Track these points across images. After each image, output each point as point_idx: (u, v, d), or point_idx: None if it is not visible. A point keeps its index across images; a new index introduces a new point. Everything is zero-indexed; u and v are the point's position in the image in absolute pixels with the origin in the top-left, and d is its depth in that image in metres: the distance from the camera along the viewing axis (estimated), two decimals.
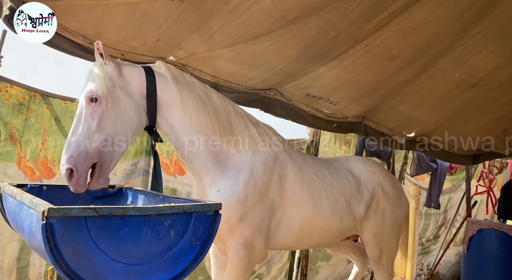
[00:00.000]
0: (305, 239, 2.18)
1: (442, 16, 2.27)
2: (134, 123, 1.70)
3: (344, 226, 2.26)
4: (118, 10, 1.92)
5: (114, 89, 1.64)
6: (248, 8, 2.01)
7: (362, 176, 2.43)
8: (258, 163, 1.97)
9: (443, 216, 5.29)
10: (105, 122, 1.59)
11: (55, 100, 2.23)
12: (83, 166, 1.51)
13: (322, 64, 2.64)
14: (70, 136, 1.56)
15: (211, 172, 1.91)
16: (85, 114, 1.58)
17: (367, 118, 3.42)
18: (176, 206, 1.12)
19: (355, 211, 2.29)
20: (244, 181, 1.90)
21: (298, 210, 2.07)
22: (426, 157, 4.39)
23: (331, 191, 2.19)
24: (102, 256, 0.96)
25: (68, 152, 1.51)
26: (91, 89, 1.59)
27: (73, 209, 0.92)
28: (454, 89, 2.99)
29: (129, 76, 1.72)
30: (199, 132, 1.87)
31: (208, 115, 1.89)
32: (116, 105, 1.63)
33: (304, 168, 2.16)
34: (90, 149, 1.53)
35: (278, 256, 3.55)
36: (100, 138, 1.57)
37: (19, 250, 2.24)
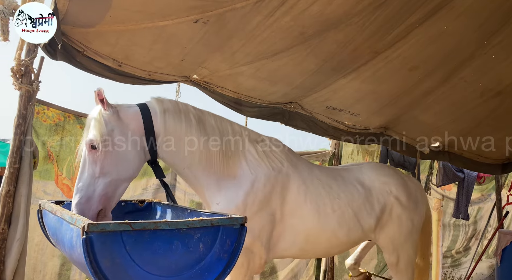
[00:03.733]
0: (311, 249, 2.20)
1: (462, 27, 2.27)
2: (135, 163, 1.76)
3: (352, 237, 2.26)
4: (145, 34, 2.03)
5: (114, 134, 1.70)
6: (268, 27, 2.08)
7: (373, 186, 2.40)
8: (259, 178, 2.00)
9: (473, 227, 5.11)
10: (107, 166, 1.64)
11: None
12: (90, 213, 1.58)
13: (342, 77, 2.68)
14: (77, 182, 1.63)
15: (210, 189, 1.96)
16: (88, 161, 1.65)
17: (389, 129, 3.40)
18: (204, 220, 1.18)
19: (364, 222, 2.28)
20: (244, 193, 1.95)
21: (301, 222, 2.09)
22: (452, 167, 4.29)
23: (337, 203, 2.19)
24: (137, 269, 1.02)
25: (75, 199, 1.58)
26: (91, 138, 1.65)
27: (110, 224, 0.99)
28: (478, 98, 2.95)
29: (127, 118, 1.77)
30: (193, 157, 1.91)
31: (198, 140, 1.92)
32: (116, 150, 1.69)
33: (309, 180, 2.18)
34: (95, 194, 1.60)
35: (304, 270, 3.53)
36: (105, 182, 1.63)
37: (60, 266, 2.34)
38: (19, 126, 1.81)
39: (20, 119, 1.82)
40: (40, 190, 2.25)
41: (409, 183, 2.61)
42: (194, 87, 2.56)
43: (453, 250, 4.90)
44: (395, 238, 2.41)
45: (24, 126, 1.82)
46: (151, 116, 1.80)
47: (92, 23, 1.86)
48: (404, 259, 2.45)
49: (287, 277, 3.44)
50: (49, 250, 2.24)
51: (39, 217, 1.55)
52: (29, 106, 1.83)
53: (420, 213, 2.58)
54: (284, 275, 3.43)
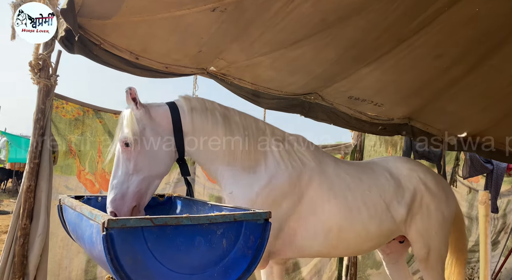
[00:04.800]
0: (339, 245, 2.13)
1: (493, 9, 2.13)
2: (166, 160, 1.81)
3: (385, 230, 2.19)
4: (162, 24, 1.99)
5: (145, 132, 1.75)
6: (288, 14, 2.00)
7: (401, 174, 2.36)
8: (278, 175, 1.99)
9: (502, 221, 4.92)
10: (140, 164, 1.71)
11: (106, 114, 2.34)
12: (124, 210, 1.63)
13: (364, 66, 2.57)
14: (112, 179, 1.69)
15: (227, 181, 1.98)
16: (122, 158, 1.70)
17: (413, 119, 3.27)
18: (227, 215, 1.13)
19: (396, 213, 2.21)
20: (260, 187, 1.94)
21: (326, 218, 2.04)
22: (480, 158, 4.12)
23: (369, 196, 2.14)
24: (159, 266, 0.98)
25: (111, 195, 1.64)
26: (125, 136, 1.70)
27: (131, 220, 0.95)
28: (508, 86, 2.79)
29: (157, 117, 1.82)
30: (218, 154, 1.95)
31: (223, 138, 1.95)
32: (149, 147, 1.75)
33: (336, 176, 2.14)
34: (129, 191, 1.66)
35: (327, 265, 3.46)
36: (138, 179, 1.69)
37: (86, 262, 2.34)
38: (38, 121, 1.80)
39: (39, 114, 1.81)
40: (62, 185, 2.25)
41: (435, 173, 2.55)
42: (211, 79, 2.51)
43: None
44: (425, 230, 2.32)
45: (43, 120, 1.81)
46: (179, 115, 1.85)
47: (108, 15, 1.83)
48: (435, 253, 2.35)
49: (311, 273, 3.39)
50: (75, 246, 2.25)
51: (59, 212, 1.54)
52: (47, 101, 1.82)
53: (450, 205, 2.48)
54: (307, 271, 3.37)
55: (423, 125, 3.30)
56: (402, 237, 2.49)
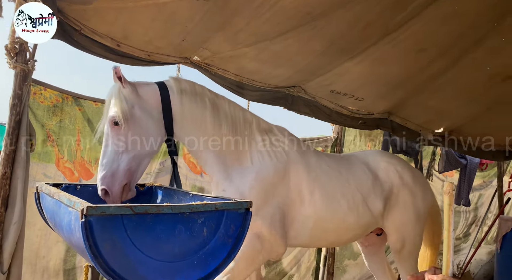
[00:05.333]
0: (321, 236, 2.19)
1: (474, 6, 2.18)
2: (156, 139, 1.82)
3: (363, 222, 2.24)
4: (145, 12, 1.95)
5: (134, 110, 1.76)
6: (273, 5, 1.99)
7: (379, 168, 2.41)
8: (264, 168, 2.01)
9: (474, 214, 5.11)
10: (130, 142, 1.72)
11: (86, 101, 2.29)
12: (116, 187, 1.65)
13: (348, 59, 2.60)
14: (102, 158, 1.70)
15: (218, 175, 2.00)
16: (112, 137, 1.71)
17: (393, 114, 3.34)
18: (208, 204, 1.13)
19: (373, 206, 2.27)
20: (250, 183, 1.95)
21: (311, 209, 2.08)
22: (455, 153, 4.25)
23: (347, 188, 2.19)
24: (138, 253, 0.98)
25: (101, 173, 1.65)
26: (113, 114, 1.71)
27: (111, 208, 0.95)
28: (487, 82, 2.87)
29: (146, 95, 1.82)
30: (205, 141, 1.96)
31: (212, 124, 1.97)
32: (138, 125, 1.76)
33: (318, 167, 2.18)
34: (120, 169, 1.67)
35: (306, 255, 3.53)
36: (128, 158, 1.70)
37: (65, 252, 2.30)
38: (14, 107, 1.75)
39: (15, 99, 1.75)
40: (40, 173, 2.20)
41: (412, 168, 2.61)
42: (194, 69, 2.49)
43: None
44: (401, 223, 2.39)
45: (19, 106, 1.75)
46: (169, 95, 1.84)
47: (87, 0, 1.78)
48: (410, 245, 2.43)
49: (291, 264, 3.44)
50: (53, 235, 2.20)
51: (36, 200, 1.51)
52: (24, 86, 1.76)
53: (426, 199, 2.55)
54: (287, 262, 3.42)
55: (402, 120, 3.37)
56: (380, 230, 2.56)
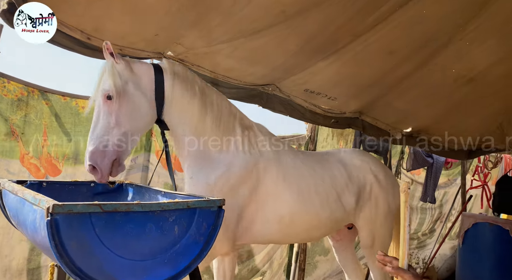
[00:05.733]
0: (293, 233, 2.22)
1: (440, 11, 2.27)
2: (148, 117, 1.82)
3: (335, 218, 2.29)
4: (117, 5, 1.90)
5: (128, 86, 1.75)
6: (247, 3, 1.99)
7: (354, 165, 2.47)
8: (235, 163, 2.03)
9: (439, 211, 5.34)
10: (122, 117, 1.70)
11: (54, 95, 2.21)
12: (104, 163, 1.63)
13: (321, 59, 2.64)
14: (91, 133, 1.68)
15: (190, 162, 2.01)
16: (103, 112, 1.70)
17: (364, 114, 3.42)
18: (180, 202, 1.12)
19: (346, 203, 2.33)
20: (218, 174, 1.97)
21: (282, 206, 2.10)
22: (422, 152, 4.42)
23: (322, 186, 2.23)
24: (107, 252, 0.96)
25: (90, 147, 1.63)
26: (107, 88, 1.70)
27: (78, 206, 0.92)
28: (451, 84, 3.00)
29: (140, 73, 1.83)
30: (189, 128, 1.97)
31: (199, 112, 1.98)
32: (131, 101, 1.75)
33: (292, 165, 2.20)
34: (110, 144, 1.66)
35: (278, 252, 3.56)
36: (119, 133, 1.68)
37: (29, 250, 2.21)
38: None
39: None
40: (3, 169, 2.10)
41: (385, 167, 2.70)
42: None
43: (419, 232, 5.11)
44: (372, 219, 2.46)
45: None
46: (162, 75, 1.85)
47: None
48: (379, 241, 2.51)
49: (263, 261, 3.47)
50: (16, 233, 2.12)
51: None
52: None
53: (397, 197, 2.64)
54: (260, 259, 3.45)
55: (372, 120, 3.46)
56: (351, 224, 2.63)
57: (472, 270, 4.11)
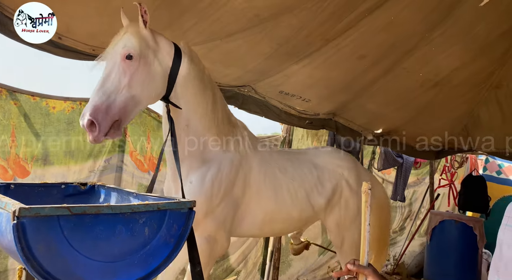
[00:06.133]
0: (268, 229, 2.30)
1: (407, 18, 2.37)
2: (158, 90, 1.79)
3: (304, 216, 2.36)
4: (89, 5, 1.88)
5: (149, 52, 1.73)
6: (221, 6, 2.02)
7: (326, 168, 2.51)
8: (227, 161, 2.05)
9: (409, 209, 5.53)
10: (136, 80, 1.66)
11: (22, 95, 2.16)
12: (106, 120, 1.56)
13: (295, 62, 2.70)
14: (99, 87, 1.60)
15: (189, 162, 1.98)
16: (118, 70, 1.64)
17: (337, 115, 3.52)
18: (151, 204, 1.14)
19: (315, 203, 2.39)
20: (212, 179, 1.97)
21: (261, 204, 2.16)
22: (392, 152, 4.57)
23: (292, 184, 2.29)
24: (76, 254, 0.97)
25: (94, 102, 1.55)
26: (130, 46, 1.66)
27: (46, 208, 0.92)
28: (418, 88, 3.14)
29: (161, 46, 1.80)
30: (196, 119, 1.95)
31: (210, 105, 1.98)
32: (148, 67, 1.72)
33: (268, 164, 2.25)
34: (116, 103, 1.60)
35: (253, 251, 3.61)
36: (128, 95, 1.63)
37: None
38: None
39: None
40: None
41: (360, 170, 2.75)
42: None
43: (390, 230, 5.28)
44: (341, 221, 2.53)
45: None
46: (181, 56, 1.84)
47: None
48: (349, 241, 2.58)
49: (238, 260, 3.50)
50: None
51: None
52: None
53: None
54: (235, 258, 3.48)
55: (345, 121, 3.56)
56: None
57: (438, 265, 4.30)
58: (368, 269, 1.11)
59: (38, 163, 2.15)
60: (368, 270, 1.10)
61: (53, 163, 2.21)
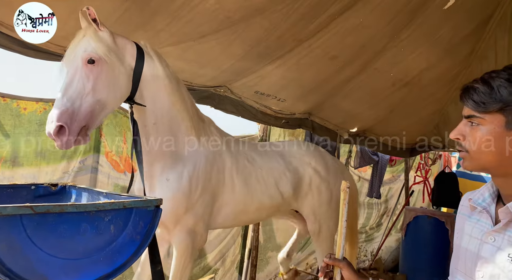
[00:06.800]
0: (242, 218, 2.37)
1: (375, 20, 2.46)
2: (123, 91, 1.78)
3: (275, 203, 2.43)
4: (59, 7, 1.88)
5: (111, 54, 1.71)
6: (193, 8, 2.05)
7: (293, 157, 2.60)
8: (201, 157, 2.09)
9: (385, 206, 5.67)
10: (100, 84, 1.65)
11: None
12: (74, 126, 1.57)
13: (268, 63, 2.75)
14: (62, 95, 1.58)
15: (162, 160, 1.99)
16: (81, 75, 1.63)
17: (313, 115, 3.59)
18: (116, 202, 1.16)
19: (283, 190, 2.45)
20: (189, 175, 2.01)
21: (235, 195, 2.23)
22: (368, 151, 4.68)
23: (260, 173, 2.36)
24: (39, 252, 0.98)
25: (59, 108, 1.54)
26: (91, 50, 1.64)
27: (8, 208, 0.94)
28: (390, 87, 3.24)
29: (122, 46, 1.80)
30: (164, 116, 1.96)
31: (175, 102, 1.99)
32: (111, 70, 1.71)
33: (239, 155, 2.32)
34: (81, 109, 1.59)
35: (231, 249, 3.64)
36: (93, 100, 1.63)
37: None
38: None
39: None
40: None
41: (327, 158, 2.84)
42: None
43: (367, 226, 5.40)
44: (316, 207, 2.62)
45: None
46: (143, 55, 1.84)
47: None
48: (325, 228, 2.66)
49: (215, 258, 3.53)
50: None
51: None
52: None
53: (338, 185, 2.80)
54: (212, 257, 3.50)
55: (321, 120, 3.64)
56: None
57: (413, 260, 4.43)
58: (343, 262, 1.17)
59: (6, 165, 2.13)
60: (343, 263, 1.17)
61: (22, 165, 2.20)
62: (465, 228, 1.14)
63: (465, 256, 1.10)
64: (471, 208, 1.13)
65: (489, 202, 1.09)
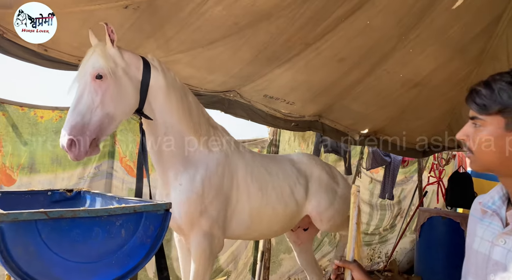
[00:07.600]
0: (255, 227, 2.35)
1: (383, 22, 2.45)
2: (131, 104, 1.87)
3: (289, 211, 2.44)
4: (72, 18, 1.95)
5: (117, 69, 1.81)
6: (201, 15, 2.10)
7: (301, 163, 2.66)
8: (213, 161, 2.14)
9: (398, 207, 5.60)
10: (108, 98, 1.74)
11: (11, 106, 2.22)
12: (85, 139, 1.66)
13: (276, 67, 2.77)
14: (73, 109, 1.68)
15: (175, 167, 2.05)
16: (90, 90, 1.72)
17: (323, 117, 3.59)
18: (127, 207, 1.21)
19: (297, 195, 2.48)
20: (202, 178, 2.06)
21: (249, 201, 2.25)
22: (380, 152, 4.65)
23: (277, 181, 2.39)
24: (54, 256, 1.03)
25: (70, 122, 1.64)
26: (98, 67, 1.73)
27: (24, 214, 0.99)
28: (400, 88, 3.21)
29: (129, 61, 1.89)
30: (173, 125, 2.03)
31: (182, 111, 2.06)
32: (119, 84, 1.80)
33: (253, 163, 2.35)
34: (91, 122, 1.68)
35: (244, 252, 3.67)
36: (102, 114, 1.71)
37: None
38: None
39: None
40: None
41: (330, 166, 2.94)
42: None
43: (380, 228, 5.35)
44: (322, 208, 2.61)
45: None
46: (150, 68, 1.93)
47: (8, 4, 1.76)
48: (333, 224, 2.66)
49: (228, 260, 3.56)
50: None
51: None
52: None
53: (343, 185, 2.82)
54: (224, 259, 3.53)
55: (331, 122, 3.64)
56: (306, 225, 2.76)
57: (428, 261, 4.37)
58: (353, 264, 1.20)
59: (24, 171, 2.21)
60: (353, 264, 1.20)
61: (39, 171, 2.28)
62: (477, 230, 1.14)
63: (476, 258, 1.10)
64: (482, 211, 1.13)
65: (499, 205, 1.09)
